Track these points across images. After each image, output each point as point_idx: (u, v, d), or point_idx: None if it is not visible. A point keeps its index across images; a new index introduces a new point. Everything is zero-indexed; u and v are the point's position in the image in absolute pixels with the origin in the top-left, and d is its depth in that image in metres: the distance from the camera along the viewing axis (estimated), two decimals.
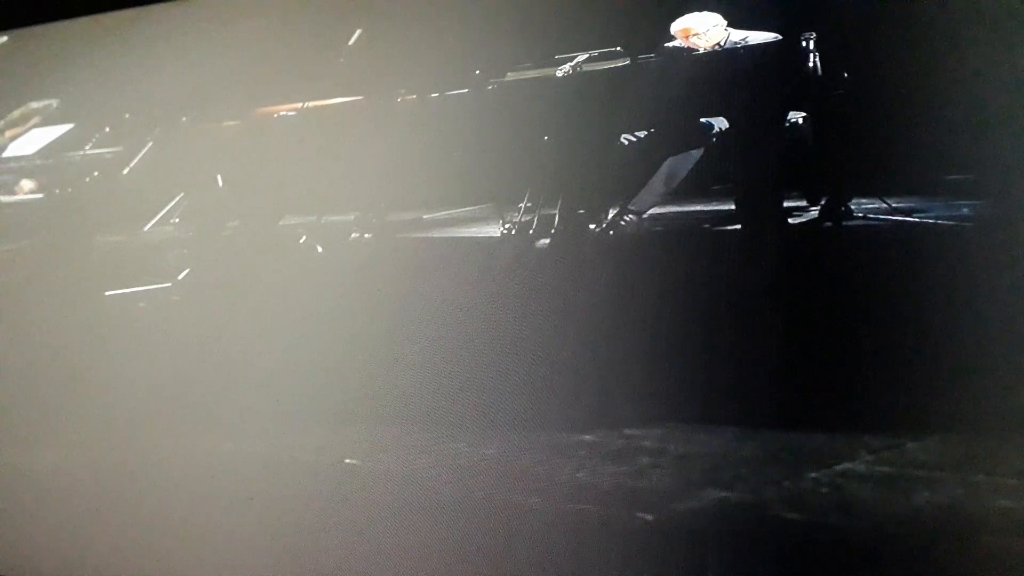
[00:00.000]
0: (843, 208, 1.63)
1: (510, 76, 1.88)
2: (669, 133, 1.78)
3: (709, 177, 1.75)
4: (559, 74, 1.83)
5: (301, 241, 2.00)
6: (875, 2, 1.61)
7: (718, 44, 1.74)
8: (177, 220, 2.14)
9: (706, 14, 1.73)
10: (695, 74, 1.78)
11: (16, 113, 2.40)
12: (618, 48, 1.81)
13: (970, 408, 1.39)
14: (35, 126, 2.37)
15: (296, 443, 1.80)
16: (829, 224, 1.63)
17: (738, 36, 1.73)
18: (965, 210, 1.52)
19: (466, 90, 1.90)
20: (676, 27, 1.75)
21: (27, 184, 2.35)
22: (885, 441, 1.43)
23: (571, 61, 1.82)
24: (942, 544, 1.33)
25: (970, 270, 1.44)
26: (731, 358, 1.56)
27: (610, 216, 1.78)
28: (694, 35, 1.74)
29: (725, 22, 1.72)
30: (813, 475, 1.43)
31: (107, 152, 2.26)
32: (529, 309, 1.72)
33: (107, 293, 2.12)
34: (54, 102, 2.36)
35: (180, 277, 2.07)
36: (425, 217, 1.97)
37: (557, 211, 1.81)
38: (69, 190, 2.28)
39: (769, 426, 1.50)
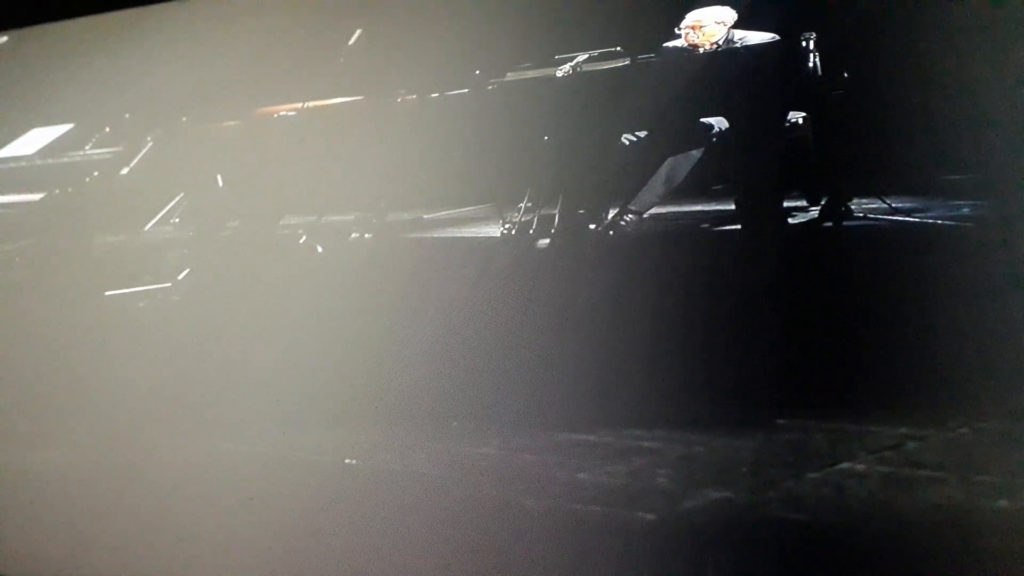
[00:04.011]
0: (843, 208, 1.63)
1: (510, 76, 1.88)
2: (669, 133, 1.78)
3: (709, 177, 1.76)
4: (559, 74, 1.83)
5: (301, 241, 2.00)
6: (875, 2, 1.61)
7: (716, 42, 1.74)
8: (177, 220, 2.14)
9: (718, 9, 1.73)
10: (695, 74, 1.78)
11: (16, 113, 2.40)
12: (618, 48, 1.81)
13: (970, 408, 1.39)
14: (35, 126, 2.37)
15: (296, 443, 1.80)
16: (829, 224, 1.63)
17: (737, 36, 1.73)
18: (965, 210, 1.52)
19: (466, 90, 1.90)
20: (689, 18, 1.75)
21: (27, 184, 2.35)
22: (885, 441, 1.43)
23: (571, 61, 1.83)
24: (942, 544, 1.33)
25: (970, 270, 1.44)
26: (731, 358, 1.56)
27: (610, 216, 1.78)
28: (698, 27, 1.74)
29: (732, 20, 1.72)
30: (813, 475, 1.43)
31: (107, 152, 2.26)
32: (529, 309, 1.72)
33: (107, 293, 2.12)
34: (54, 102, 2.36)
35: (180, 277, 2.07)
36: (425, 217, 1.98)
37: (557, 211, 1.81)
38: (69, 190, 2.28)
39: (769, 426, 1.50)
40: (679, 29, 1.76)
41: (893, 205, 1.60)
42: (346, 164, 1.97)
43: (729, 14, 1.72)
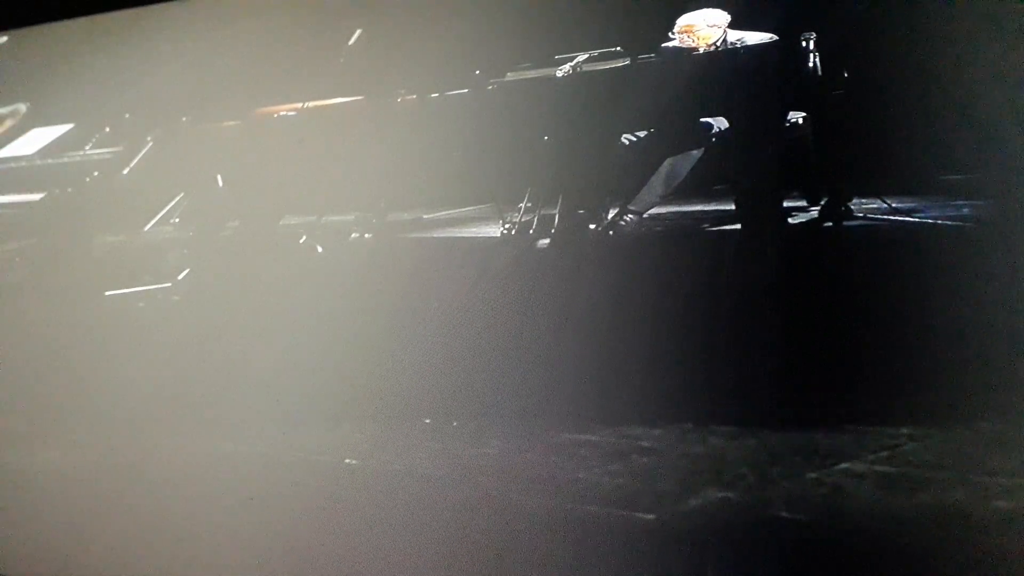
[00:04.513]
0: (843, 208, 1.63)
1: (510, 76, 1.88)
2: (669, 133, 1.78)
3: (709, 177, 1.75)
4: (559, 74, 1.83)
5: (301, 241, 2.00)
6: (875, 2, 1.61)
7: (713, 44, 1.73)
8: (177, 220, 2.14)
9: (711, 12, 1.73)
10: (695, 74, 1.77)
11: (16, 113, 2.40)
12: (618, 48, 1.81)
13: (970, 408, 1.39)
14: (35, 126, 2.37)
15: (296, 443, 1.80)
16: (829, 224, 1.63)
17: (734, 37, 1.73)
18: (965, 210, 1.52)
19: (466, 90, 1.90)
20: (680, 23, 1.75)
21: (27, 184, 2.35)
22: (885, 441, 1.43)
23: (571, 61, 1.82)
24: (942, 544, 1.33)
25: (970, 270, 1.44)
26: (731, 358, 1.56)
27: (610, 216, 1.78)
28: (689, 31, 1.74)
29: (726, 22, 1.72)
30: (813, 475, 1.43)
31: (107, 152, 2.26)
32: (529, 309, 1.72)
33: (107, 293, 2.12)
34: (54, 102, 2.36)
35: (180, 277, 2.07)
36: (425, 217, 1.97)
37: (557, 211, 1.81)
38: (69, 190, 2.28)
39: (769, 426, 1.50)
40: (673, 33, 1.76)
41: (893, 205, 1.60)
42: (346, 164, 1.97)
43: (722, 16, 1.72)
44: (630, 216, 1.77)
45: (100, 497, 1.91)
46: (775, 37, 1.70)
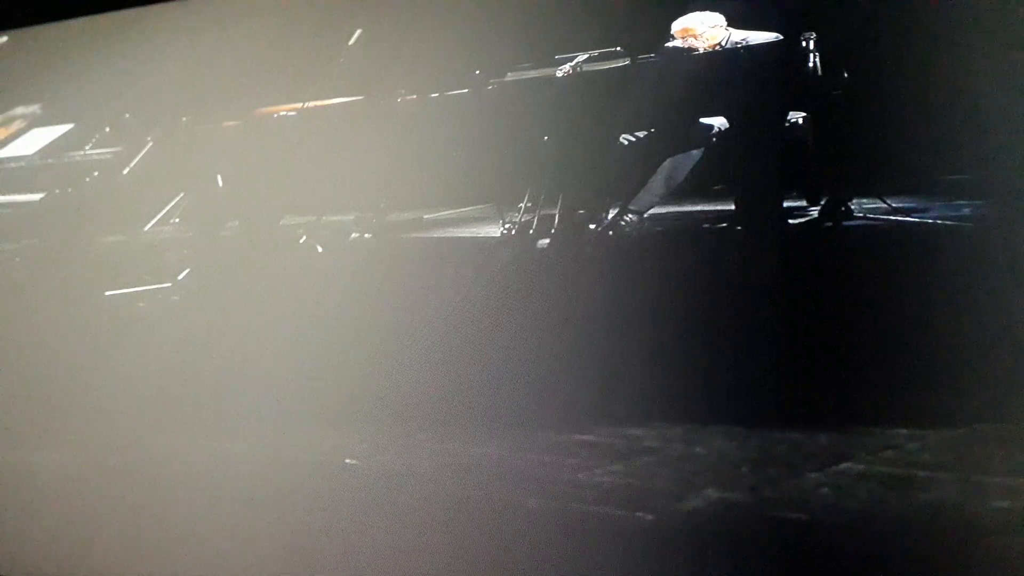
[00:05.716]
0: (843, 208, 1.63)
1: (510, 76, 1.88)
2: (669, 133, 1.78)
3: (709, 177, 1.76)
4: (559, 74, 1.83)
5: (301, 241, 2.00)
6: (875, 2, 1.61)
7: (718, 44, 1.74)
8: (177, 220, 2.14)
9: (707, 14, 1.73)
10: (695, 74, 1.78)
11: (16, 113, 2.40)
12: (618, 48, 1.81)
13: (970, 408, 1.39)
14: (35, 126, 2.37)
15: (296, 443, 1.80)
16: (829, 224, 1.63)
17: (738, 36, 1.73)
18: (965, 210, 1.52)
19: (466, 90, 1.90)
20: (676, 26, 1.75)
21: (27, 184, 2.35)
22: (885, 441, 1.43)
23: (571, 61, 1.83)
24: (942, 544, 1.33)
25: (970, 270, 1.44)
26: (731, 358, 1.56)
27: (610, 216, 1.78)
28: (692, 35, 1.74)
29: (725, 22, 1.73)
30: (813, 475, 1.43)
31: (107, 152, 2.27)
32: (529, 309, 1.72)
33: (107, 293, 2.12)
34: (54, 102, 2.36)
35: (180, 277, 2.07)
36: (425, 217, 1.98)
37: (557, 211, 1.81)
38: (69, 190, 2.28)
39: (769, 426, 1.50)
40: (673, 35, 1.76)
41: (893, 205, 1.60)
42: (346, 164, 1.97)
43: (719, 16, 1.73)
44: (630, 216, 1.77)
45: (100, 497, 1.91)
46: (779, 36, 1.70)
